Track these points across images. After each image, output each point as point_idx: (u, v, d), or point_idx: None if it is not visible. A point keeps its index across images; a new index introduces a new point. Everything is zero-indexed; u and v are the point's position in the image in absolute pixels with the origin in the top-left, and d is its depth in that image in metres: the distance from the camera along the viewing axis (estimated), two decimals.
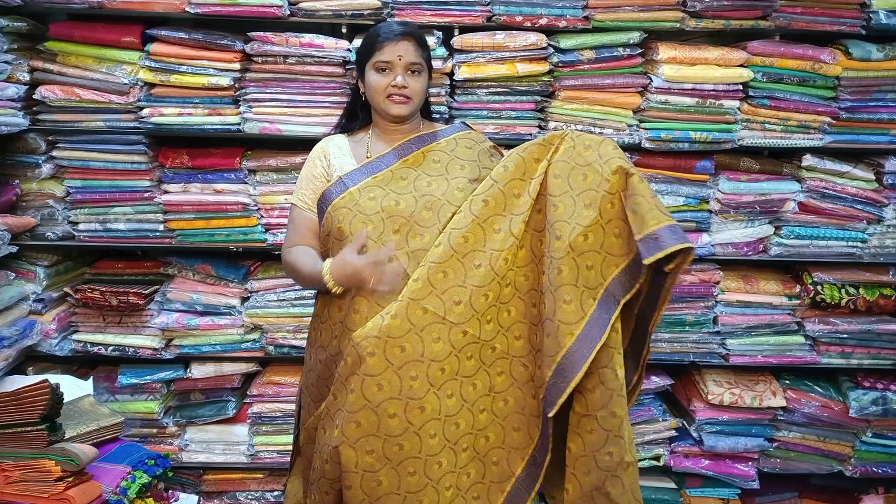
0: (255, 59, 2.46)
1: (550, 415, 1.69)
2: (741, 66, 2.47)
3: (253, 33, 2.43)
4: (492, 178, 1.80)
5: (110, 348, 2.62)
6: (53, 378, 1.98)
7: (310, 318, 2.56)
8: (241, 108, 2.48)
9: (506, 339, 1.79)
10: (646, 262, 1.59)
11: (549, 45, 2.45)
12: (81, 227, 2.57)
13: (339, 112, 2.47)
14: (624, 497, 1.71)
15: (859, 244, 2.60)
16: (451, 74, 2.48)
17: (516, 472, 1.80)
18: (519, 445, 1.81)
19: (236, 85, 2.46)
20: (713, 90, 2.47)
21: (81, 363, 2.75)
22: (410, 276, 1.75)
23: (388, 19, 2.41)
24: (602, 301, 1.68)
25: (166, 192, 2.56)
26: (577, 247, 1.69)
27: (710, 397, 2.67)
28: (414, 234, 1.81)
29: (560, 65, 2.47)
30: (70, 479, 1.88)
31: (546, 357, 1.70)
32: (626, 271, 1.69)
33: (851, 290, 2.58)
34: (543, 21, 2.44)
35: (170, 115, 2.47)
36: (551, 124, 2.52)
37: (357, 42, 2.43)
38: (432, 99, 2.29)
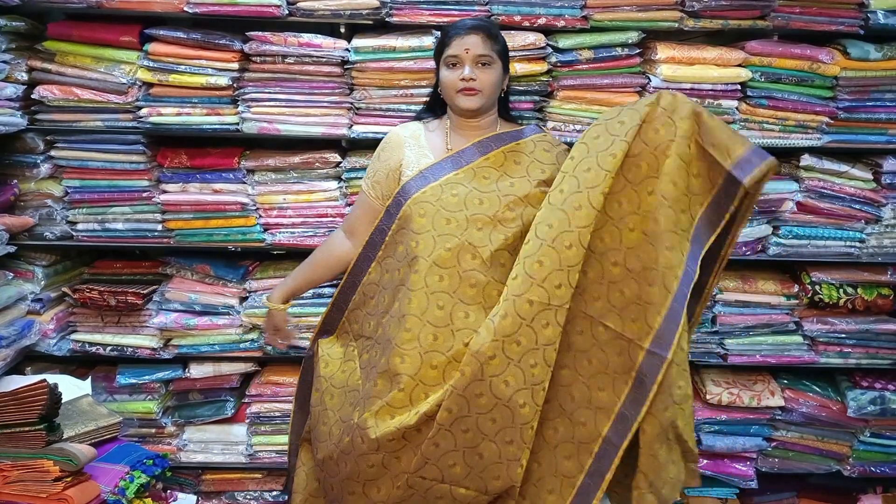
0: (253, 58, 2.45)
1: (670, 356, 1.72)
2: (739, 65, 2.47)
3: (251, 33, 2.42)
4: (563, 172, 1.84)
5: (108, 348, 2.62)
6: (52, 378, 1.98)
7: (307, 318, 2.59)
8: (240, 108, 2.48)
9: (583, 300, 1.83)
10: (746, 183, 1.66)
11: (548, 44, 2.45)
12: (80, 226, 2.57)
13: (338, 111, 2.50)
14: (687, 427, 1.79)
15: (857, 244, 2.60)
16: None
17: (603, 432, 1.82)
18: (605, 405, 1.83)
19: (235, 85, 2.46)
20: (711, 90, 2.47)
21: (80, 363, 2.75)
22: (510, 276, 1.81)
23: (387, 15, 2.41)
24: (693, 239, 1.76)
25: (165, 191, 2.56)
26: (668, 195, 1.74)
27: (708, 397, 2.68)
28: (498, 233, 1.86)
29: (558, 64, 2.47)
30: (68, 479, 1.88)
31: (651, 305, 1.74)
32: (712, 206, 1.75)
33: (849, 290, 2.58)
34: (542, 21, 2.43)
35: (168, 115, 2.47)
36: (550, 124, 2.52)
37: (355, 42, 2.44)
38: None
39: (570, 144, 2.48)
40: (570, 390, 1.85)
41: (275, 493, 2.75)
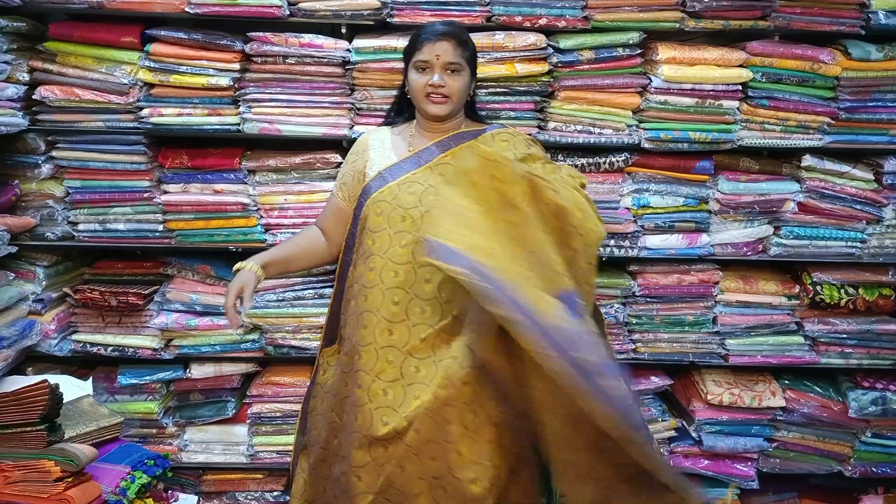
0: (254, 59, 2.46)
1: None
2: (740, 66, 2.47)
3: (252, 33, 2.42)
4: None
5: (110, 349, 2.62)
6: (53, 378, 1.98)
7: (308, 318, 2.59)
8: (241, 109, 2.48)
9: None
10: None
11: (549, 45, 2.45)
12: (81, 227, 2.57)
13: (339, 112, 2.50)
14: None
15: (858, 244, 2.60)
16: None
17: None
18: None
19: (236, 85, 2.46)
20: (712, 90, 2.47)
21: (81, 363, 2.75)
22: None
23: (388, 16, 2.42)
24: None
25: (166, 192, 2.56)
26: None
27: (709, 397, 2.67)
28: None
29: (559, 65, 2.47)
30: (69, 480, 1.88)
31: None
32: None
33: (851, 291, 2.58)
34: (543, 21, 2.44)
35: (169, 116, 2.47)
36: (551, 124, 2.52)
37: (356, 42, 2.44)
38: None
39: (570, 145, 2.52)
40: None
41: (276, 493, 2.75)
